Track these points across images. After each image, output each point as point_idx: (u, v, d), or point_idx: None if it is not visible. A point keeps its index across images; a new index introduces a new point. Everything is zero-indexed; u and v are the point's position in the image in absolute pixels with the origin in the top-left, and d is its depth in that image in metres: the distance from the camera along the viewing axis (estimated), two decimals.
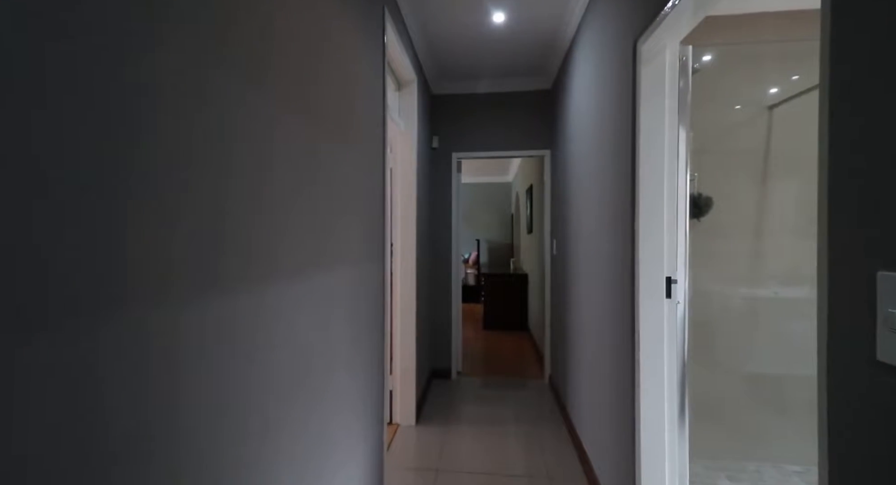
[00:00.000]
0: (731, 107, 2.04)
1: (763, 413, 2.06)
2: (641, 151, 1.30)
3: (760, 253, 2.06)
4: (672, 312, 1.28)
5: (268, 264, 0.81)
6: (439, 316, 3.31)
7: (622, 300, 1.47)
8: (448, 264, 3.32)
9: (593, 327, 1.89)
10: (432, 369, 3.26)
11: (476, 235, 7.68)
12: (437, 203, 3.32)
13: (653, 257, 1.28)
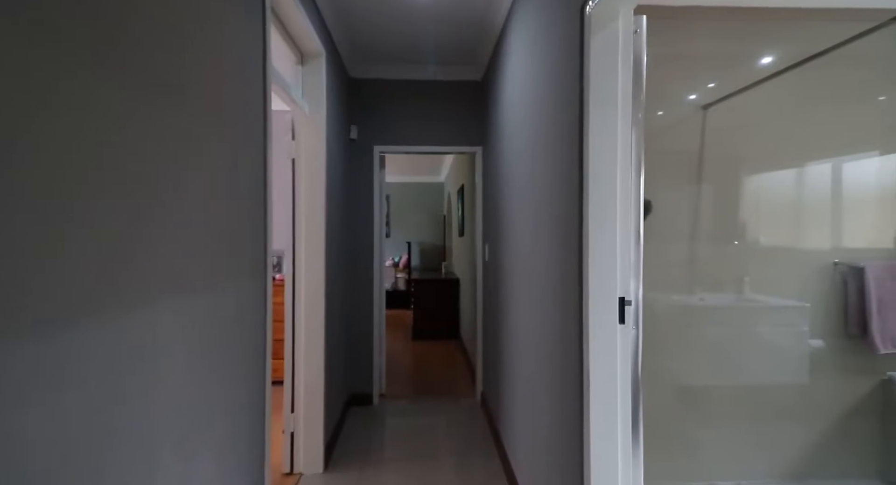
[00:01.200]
0: (665, 104, 1.92)
1: (694, 427, 1.97)
2: (592, 143, 1.04)
3: (692, 259, 1.97)
4: (626, 340, 1.04)
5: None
6: (359, 332, 2.89)
7: (566, 325, 1.21)
8: (370, 270, 2.91)
9: (531, 353, 1.63)
10: (350, 396, 2.83)
11: (408, 238, 7.33)
12: (358, 202, 2.91)
13: (604, 274, 1.03)
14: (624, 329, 1.04)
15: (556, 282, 1.30)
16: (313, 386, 2.00)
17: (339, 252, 2.47)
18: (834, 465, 1.91)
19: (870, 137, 1.88)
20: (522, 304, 1.76)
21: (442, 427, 2.49)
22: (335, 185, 2.35)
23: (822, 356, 1.91)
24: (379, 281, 2.94)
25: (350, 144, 2.87)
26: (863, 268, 1.84)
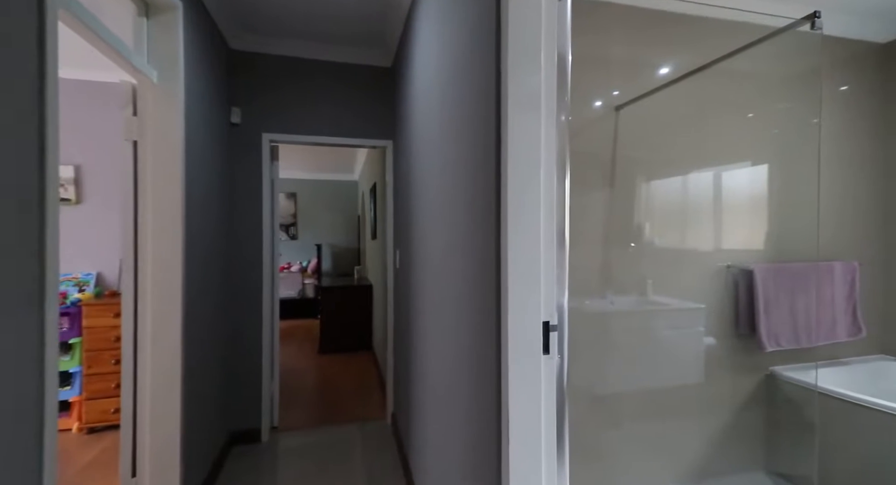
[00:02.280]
0: (580, 103, 1.84)
1: (605, 435, 1.92)
2: (511, 137, 0.83)
3: (604, 262, 1.92)
4: (550, 371, 0.85)
5: None
6: (243, 353, 2.41)
7: (481, 354, 0.98)
8: (258, 279, 2.45)
9: (442, 381, 1.39)
10: (231, 434, 2.35)
11: (318, 240, 6.73)
12: (242, 199, 2.43)
13: (526, 296, 0.82)
14: (549, 360, 0.84)
15: (471, 302, 1.07)
16: (165, 433, 1.53)
17: (209, 259, 2.00)
18: (727, 460, 1.99)
19: (744, 149, 2.00)
20: (433, 324, 1.51)
21: (342, 462, 2.15)
22: (202, 176, 1.88)
23: (715, 355, 1.98)
24: (271, 291, 2.49)
25: (231, 129, 2.38)
26: (752, 270, 1.93)
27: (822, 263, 2.05)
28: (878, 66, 2.22)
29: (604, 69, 1.84)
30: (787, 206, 2.07)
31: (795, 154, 2.06)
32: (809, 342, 1.99)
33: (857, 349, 2.19)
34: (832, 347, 2.13)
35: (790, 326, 1.95)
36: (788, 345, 1.93)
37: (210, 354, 1.99)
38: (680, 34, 1.92)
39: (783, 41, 2.07)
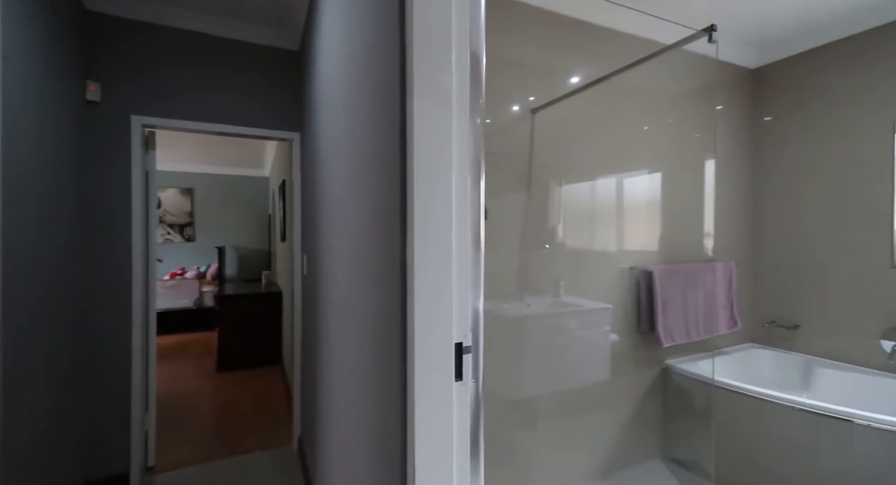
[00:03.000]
0: (497, 104, 1.80)
1: (523, 439, 1.91)
2: (418, 133, 0.70)
3: (523, 265, 1.91)
4: (464, 400, 0.74)
5: None
6: (105, 381, 1.97)
7: (385, 383, 0.85)
8: (126, 288, 2.02)
9: (347, 409, 1.22)
10: (85, 483, 1.90)
11: (221, 241, 6.02)
12: (104, 193, 1.99)
13: (436, 315, 0.70)
14: (462, 387, 0.73)
15: (374, 322, 0.93)
16: None
17: (49, 266, 1.58)
18: (630, 451, 2.11)
19: (642, 158, 2.15)
20: (338, 343, 1.34)
21: None
22: (33, 163, 1.48)
23: (620, 353, 2.08)
24: (144, 302, 2.08)
25: (87, 108, 1.93)
26: (651, 272, 2.06)
27: (706, 263, 2.27)
28: (748, 89, 2.54)
29: (520, 71, 1.82)
30: (676, 211, 2.25)
31: (681, 165, 2.26)
32: (698, 336, 2.19)
33: (734, 340, 2.48)
34: (715, 340, 2.38)
35: (682, 322, 2.12)
36: (681, 340, 2.10)
37: (53, 389, 1.57)
38: (590, 42, 1.99)
39: (674, 62, 2.26)
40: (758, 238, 2.53)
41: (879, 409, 1.92)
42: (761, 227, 2.52)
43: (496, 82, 1.76)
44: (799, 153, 2.33)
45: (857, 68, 2.09)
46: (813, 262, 2.27)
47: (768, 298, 2.48)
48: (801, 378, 2.22)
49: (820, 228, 2.24)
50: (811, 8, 2.01)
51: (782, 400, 1.73)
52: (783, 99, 2.40)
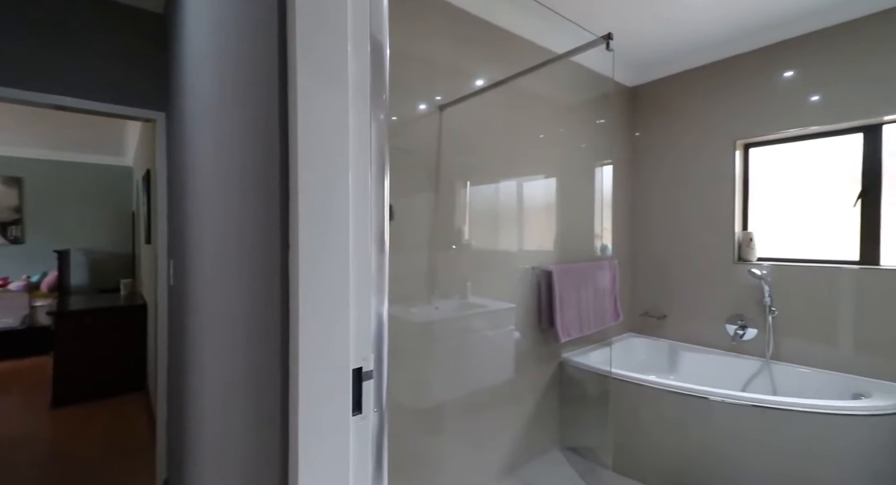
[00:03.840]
0: (406, 99, 1.70)
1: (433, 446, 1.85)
2: (303, 116, 0.56)
3: (431, 267, 1.84)
4: (364, 437, 0.62)
5: None
6: None
7: (265, 418, 0.68)
8: None
9: (221, 447, 1.00)
10: None
11: (63, 244, 4.86)
12: None
13: (327, 336, 0.57)
14: (361, 421, 0.61)
15: (247, 341, 0.75)
16: None
17: None
18: (532, 445, 2.18)
19: (539, 163, 2.26)
20: (209, 366, 1.10)
21: None
22: None
23: (523, 350, 2.14)
24: None
25: None
26: (551, 271, 2.16)
27: (595, 262, 2.47)
28: (625, 105, 2.84)
29: (428, 66, 1.75)
30: (569, 214, 2.41)
31: (572, 172, 2.43)
32: (589, 330, 2.36)
33: (617, 331, 2.75)
34: (602, 332, 2.61)
35: (577, 317, 2.26)
36: (576, 334, 2.24)
37: None
38: (496, 44, 2.00)
39: (568, 74, 2.42)
40: (635, 239, 2.85)
41: (728, 385, 2.28)
42: (638, 228, 2.84)
43: (404, 76, 1.66)
44: (665, 165, 2.68)
45: (709, 94, 2.46)
46: (677, 259, 2.62)
47: (643, 292, 2.80)
48: (669, 361, 2.55)
49: (682, 229, 2.60)
50: (678, 36, 2.31)
51: (654, 383, 1.94)
52: (652, 116, 2.73)
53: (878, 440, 1.60)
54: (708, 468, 1.78)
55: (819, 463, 1.61)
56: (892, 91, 1.86)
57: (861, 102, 1.94)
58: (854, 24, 1.95)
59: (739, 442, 1.72)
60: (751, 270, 2.25)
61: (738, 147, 2.39)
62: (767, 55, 2.22)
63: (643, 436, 1.96)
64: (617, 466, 2.03)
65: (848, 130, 2.05)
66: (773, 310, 2.18)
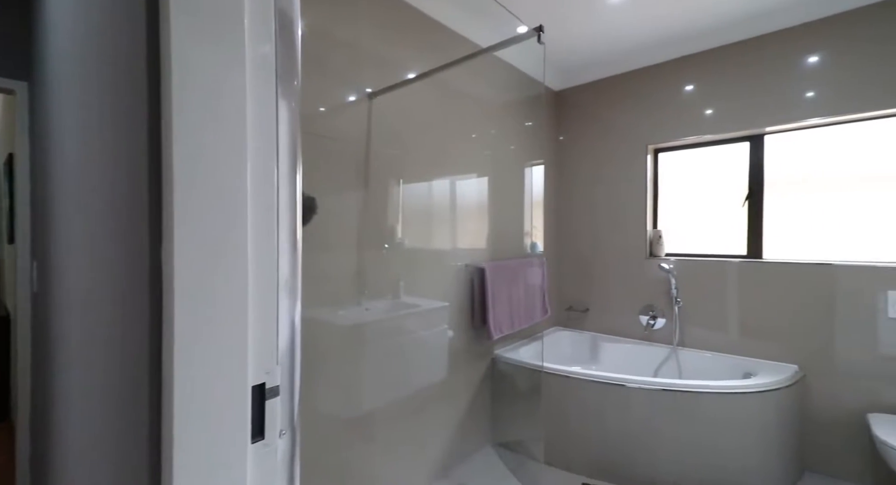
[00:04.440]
0: (332, 85, 1.57)
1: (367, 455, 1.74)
2: (178, 79, 0.44)
3: (361, 266, 1.73)
4: (268, 465, 0.52)
5: None
6: None
7: (132, 451, 0.54)
8: None
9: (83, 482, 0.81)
10: None
11: None
12: None
13: (215, 346, 0.46)
14: (264, 448, 0.51)
15: (108, 354, 0.60)
16: None
17: None
18: (466, 444, 2.17)
19: (471, 162, 2.26)
20: (68, 390, 0.89)
21: None
22: None
23: (456, 349, 2.11)
24: None
25: None
26: (483, 268, 2.16)
27: (525, 259, 2.53)
28: (551, 108, 2.95)
29: (355, 51, 1.64)
30: (500, 213, 2.44)
31: (503, 172, 2.47)
32: (520, 326, 2.41)
33: (545, 326, 2.84)
34: (531, 327, 2.68)
35: (508, 314, 2.29)
36: (508, 331, 2.26)
37: None
38: (426, 34, 1.95)
39: (499, 74, 2.44)
40: (561, 236, 2.98)
41: (642, 371, 2.45)
42: (563, 227, 2.97)
43: (331, 61, 1.54)
44: (586, 167, 2.83)
45: (626, 101, 2.64)
46: (597, 255, 2.78)
47: (568, 288, 2.93)
48: (591, 353, 2.69)
49: (601, 228, 2.76)
50: (600, 44, 2.44)
51: (578, 374, 2.03)
52: (574, 120, 2.87)
53: (765, 413, 1.81)
54: (626, 452, 1.89)
55: (719, 436, 1.79)
56: (771, 106, 2.13)
57: (746, 115, 2.20)
58: (742, 44, 2.20)
59: (653, 424, 1.85)
60: (660, 264, 2.45)
61: (650, 152, 2.60)
62: (674, 69, 2.44)
63: (569, 426, 2.04)
64: (547, 457, 2.09)
65: (736, 139, 2.32)
66: (679, 301, 2.39)
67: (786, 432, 1.86)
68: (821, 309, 1.99)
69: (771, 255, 2.22)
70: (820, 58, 1.99)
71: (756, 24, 2.13)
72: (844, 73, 1.93)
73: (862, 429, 1.86)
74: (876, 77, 1.86)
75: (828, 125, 2.06)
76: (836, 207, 2.07)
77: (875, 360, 1.86)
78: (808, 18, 2.00)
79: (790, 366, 2.02)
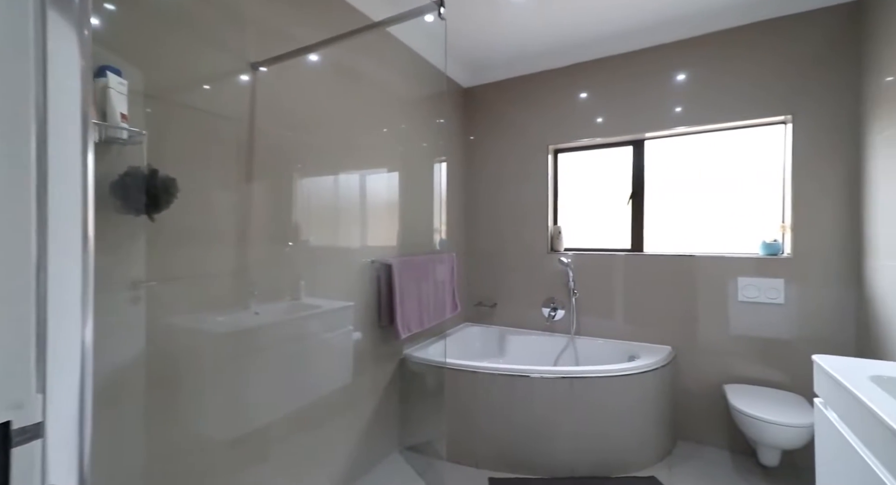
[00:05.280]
0: (203, 42, 1.33)
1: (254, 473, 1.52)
2: None
3: (252, 267, 1.51)
4: None
5: None
6: None
7: None
8: None
9: None
10: None
11: None
12: None
13: None
14: None
15: None
16: None
17: None
18: (372, 453, 2.04)
19: (382, 157, 2.16)
20: None
21: None
22: None
23: (362, 351, 1.98)
24: None
25: None
26: (391, 264, 2.05)
27: (435, 255, 2.48)
28: (461, 106, 2.96)
29: (230, 8, 1.41)
30: (411, 209, 2.36)
31: (414, 168, 2.40)
32: (429, 323, 2.35)
33: (455, 322, 2.83)
34: (441, 324, 2.64)
35: (417, 311, 2.22)
36: (416, 329, 2.19)
37: None
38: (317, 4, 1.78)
39: (407, 64, 2.35)
40: (470, 233, 3.00)
41: (544, 361, 2.56)
42: (473, 222, 2.99)
43: (201, 15, 1.29)
44: (493, 165, 2.89)
45: (530, 101, 2.74)
46: (504, 251, 2.85)
47: (477, 283, 2.96)
48: (499, 346, 2.75)
49: (508, 223, 2.84)
50: (505, 44, 2.48)
51: (485, 369, 2.04)
52: (482, 118, 2.92)
53: (646, 391, 2.00)
54: (529, 443, 1.94)
55: (609, 418, 1.92)
56: (650, 114, 2.37)
57: (630, 122, 2.43)
58: (625, 57, 2.42)
59: (553, 411, 1.92)
60: (560, 258, 2.59)
61: (551, 152, 2.74)
62: (571, 74, 2.60)
63: (477, 422, 2.03)
64: (453, 456, 2.06)
65: (623, 143, 2.55)
66: (576, 292, 2.55)
67: (662, 407, 2.08)
68: (687, 295, 2.27)
69: (651, 248, 2.48)
70: (686, 73, 2.27)
71: (638, 38, 2.35)
72: (704, 87, 2.22)
73: (720, 399, 2.16)
74: (727, 93, 2.17)
75: (692, 134, 2.36)
76: (701, 206, 2.38)
77: (728, 338, 2.17)
78: (679, 37, 2.26)
79: (665, 347, 2.26)
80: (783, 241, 2.13)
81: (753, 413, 1.77)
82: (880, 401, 0.82)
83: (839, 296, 1.94)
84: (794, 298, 2.03)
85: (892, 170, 1.64)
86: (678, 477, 1.91)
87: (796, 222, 2.04)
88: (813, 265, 1.99)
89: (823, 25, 1.96)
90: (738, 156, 2.28)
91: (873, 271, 1.77)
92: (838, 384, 0.97)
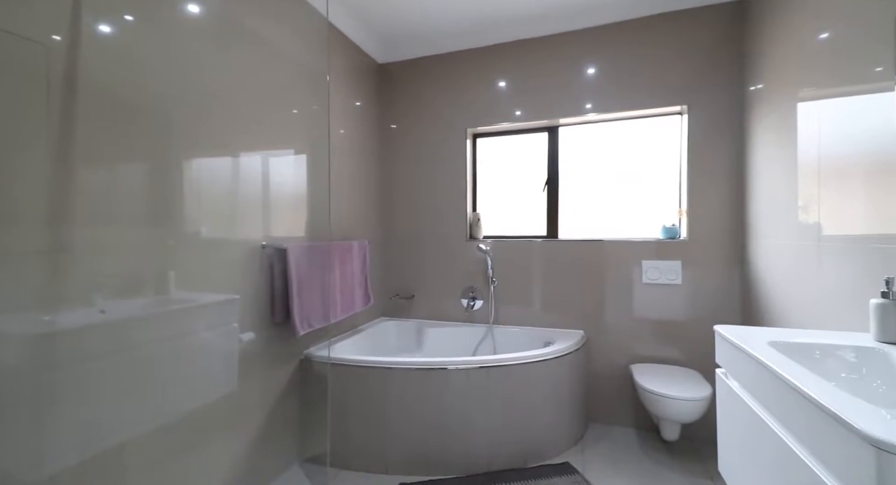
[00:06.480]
0: None
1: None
2: None
3: (80, 252, 1.15)
4: None
5: None
6: None
7: None
8: None
9: None
10: None
11: None
12: None
13: None
14: None
15: None
16: None
17: None
18: (265, 470, 1.75)
19: (289, 139, 1.91)
20: None
21: None
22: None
23: (250, 353, 1.68)
24: None
25: None
26: (286, 249, 1.77)
27: (344, 242, 2.24)
28: (377, 83, 2.74)
29: None
30: (318, 194, 2.10)
31: (325, 151, 2.14)
32: (336, 318, 2.10)
33: (369, 316, 2.61)
34: (352, 318, 2.40)
35: (320, 304, 1.96)
36: (319, 324, 1.93)
37: None
38: None
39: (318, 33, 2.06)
40: (386, 220, 2.79)
41: (463, 352, 2.45)
42: (389, 210, 2.79)
43: None
44: (410, 149, 2.71)
45: (448, 82, 2.61)
46: (422, 239, 2.69)
47: (393, 273, 2.77)
48: (417, 340, 2.58)
49: (425, 211, 2.69)
50: (423, 17, 2.32)
51: (400, 364, 1.85)
52: (398, 98, 2.73)
53: (561, 376, 1.97)
54: (444, 441, 1.80)
55: (524, 405, 1.85)
56: (563, 100, 2.38)
57: (545, 107, 2.41)
58: (541, 40, 2.40)
59: (470, 402, 1.80)
60: (479, 246, 2.50)
61: (469, 136, 2.64)
62: (488, 55, 2.52)
63: (387, 424, 1.83)
64: (360, 464, 1.84)
65: (538, 129, 2.54)
66: (494, 280, 2.48)
67: (575, 392, 2.07)
68: (596, 280, 2.31)
69: (565, 235, 2.49)
70: (597, 61, 2.30)
71: (554, 22, 2.34)
72: (612, 76, 2.28)
73: (627, 379, 2.22)
74: (632, 82, 2.24)
75: (602, 122, 2.42)
76: (610, 192, 2.44)
77: (633, 320, 2.24)
78: (591, 23, 2.29)
79: (578, 332, 2.28)
80: (680, 225, 2.26)
81: (657, 390, 1.82)
82: (784, 364, 0.80)
83: (728, 274, 2.09)
84: (689, 278, 2.15)
85: (768, 159, 1.78)
86: (590, 460, 1.90)
87: (691, 207, 2.17)
88: (705, 247, 2.13)
89: (710, 23, 2.10)
90: (643, 144, 2.37)
91: (755, 250, 1.92)
92: (741, 351, 0.95)
